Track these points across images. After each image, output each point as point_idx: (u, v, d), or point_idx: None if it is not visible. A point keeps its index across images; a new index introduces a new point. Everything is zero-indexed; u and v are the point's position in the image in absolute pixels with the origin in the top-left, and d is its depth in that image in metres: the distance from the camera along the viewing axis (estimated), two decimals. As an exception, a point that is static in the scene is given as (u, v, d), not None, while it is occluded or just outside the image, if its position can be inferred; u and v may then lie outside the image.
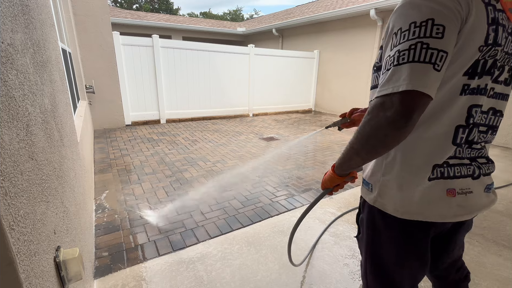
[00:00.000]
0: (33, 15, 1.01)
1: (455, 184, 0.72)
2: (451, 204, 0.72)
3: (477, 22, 0.60)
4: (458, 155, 0.72)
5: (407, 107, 0.59)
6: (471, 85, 0.66)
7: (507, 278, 1.72)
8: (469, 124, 0.69)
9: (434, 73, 0.58)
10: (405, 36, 0.60)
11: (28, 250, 0.61)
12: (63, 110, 1.46)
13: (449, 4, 0.58)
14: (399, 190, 0.74)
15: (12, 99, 0.64)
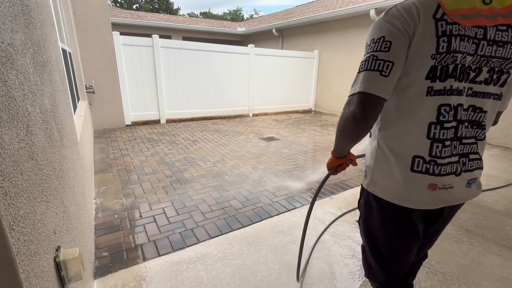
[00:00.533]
0: (33, 15, 1.01)
1: (438, 180, 0.83)
2: (431, 196, 0.84)
3: (425, 36, 0.74)
4: (444, 155, 0.82)
5: (361, 105, 0.78)
6: (434, 87, 0.78)
7: (507, 278, 1.72)
8: (441, 121, 0.80)
9: (382, 78, 0.75)
10: (367, 49, 0.79)
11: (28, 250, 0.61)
12: (63, 110, 1.46)
13: (399, 25, 0.74)
14: (385, 177, 0.88)
15: (12, 99, 0.64)
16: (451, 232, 2.19)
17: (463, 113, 0.82)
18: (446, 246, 2.02)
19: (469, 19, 0.74)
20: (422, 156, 0.82)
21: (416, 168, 0.83)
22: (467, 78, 0.79)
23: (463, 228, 2.25)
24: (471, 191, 0.88)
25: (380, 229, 0.96)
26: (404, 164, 0.84)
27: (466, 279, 1.71)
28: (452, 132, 0.82)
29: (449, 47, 0.74)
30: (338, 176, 3.32)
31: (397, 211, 0.89)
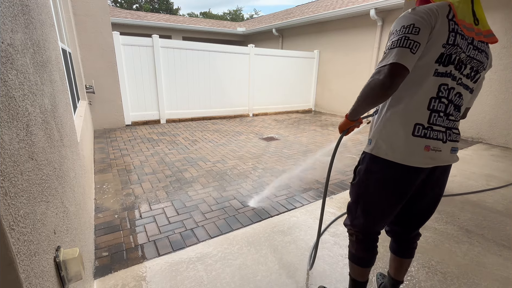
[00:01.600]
0: (33, 15, 1.01)
1: (431, 143, 1.03)
2: (426, 155, 1.04)
3: (441, 29, 0.96)
4: (439, 124, 1.04)
5: (392, 72, 0.94)
6: (439, 70, 1.00)
7: (507, 278, 1.72)
8: (440, 97, 1.02)
9: (411, 54, 0.94)
10: (398, 33, 0.97)
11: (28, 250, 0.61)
12: (63, 110, 1.46)
13: (425, 17, 0.95)
14: (390, 141, 1.06)
15: (12, 99, 0.64)
16: (451, 232, 2.19)
17: (453, 96, 1.03)
18: (446, 246, 2.02)
19: (468, 31, 1.00)
20: (422, 124, 1.02)
21: (416, 133, 1.02)
22: (459, 69, 1.02)
23: (463, 228, 2.25)
24: (453, 157, 1.11)
25: (377, 189, 1.14)
26: (408, 130, 1.03)
27: (466, 279, 1.71)
28: (444, 107, 1.03)
29: (454, 41, 0.97)
30: (338, 176, 3.33)
31: (395, 169, 1.06)
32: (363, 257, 1.28)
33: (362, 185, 1.18)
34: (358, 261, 1.29)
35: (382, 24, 6.45)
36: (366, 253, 1.28)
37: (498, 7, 4.69)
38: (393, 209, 1.17)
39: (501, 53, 4.75)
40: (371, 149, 1.11)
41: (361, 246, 1.27)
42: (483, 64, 1.05)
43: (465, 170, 3.59)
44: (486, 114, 5.05)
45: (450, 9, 0.97)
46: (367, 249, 1.27)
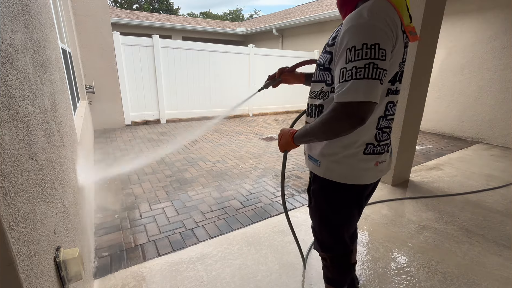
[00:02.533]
0: (33, 15, 1.01)
1: (380, 158, 1.03)
2: (376, 170, 1.03)
3: (399, 46, 0.85)
4: (385, 139, 1.02)
5: (364, 113, 0.82)
6: (392, 88, 0.94)
7: (507, 278, 1.72)
8: (386, 115, 0.98)
9: (380, 86, 0.81)
10: (359, 54, 0.78)
11: (28, 250, 0.61)
12: (63, 110, 1.46)
13: (389, 33, 0.79)
14: (341, 164, 1.01)
15: (12, 99, 0.64)
16: (451, 232, 2.20)
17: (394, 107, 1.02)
18: (446, 246, 2.02)
19: (412, 36, 0.91)
20: (372, 143, 0.99)
21: (367, 151, 0.99)
22: (400, 80, 0.97)
23: (463, 228, 2.25)
24: (392, 163, 1.18)
25: (336, 209, 1.11)
26: (359, 150, 0.99)
27: (466, 279, 1.71)
28: (389, 123, 1.02)
29: (403, 56, 0.91)
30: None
31: (352, 190, 1.05)
32: (341, 279, 1.24)
33: (321, 207, 1.15)
34: (339, 283, 1.25)
35: (382, 24, 6.44)
36: (344, 274, 1.24)
37: (498, 7, 4.69)
38: (355, 223, 1.20)
39: (501, 53, 4.75)
40: (323, 173, 1.05)
41: (338, 269, 1.23)
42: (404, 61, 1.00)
43: (465, 170, 3.59)
44: (486, 114, 5.05)
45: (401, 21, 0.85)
46: (344, 269, 1.23)
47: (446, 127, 5.65)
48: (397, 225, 2.29)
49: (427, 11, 2.58)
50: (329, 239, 1.18)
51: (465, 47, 5.19)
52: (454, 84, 5.44)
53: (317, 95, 1.04)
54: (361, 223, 2.31)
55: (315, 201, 1.16)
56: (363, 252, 1.94)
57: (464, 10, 5.11)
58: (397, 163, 3.01)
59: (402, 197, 2.79)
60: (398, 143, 2.93)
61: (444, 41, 5.37)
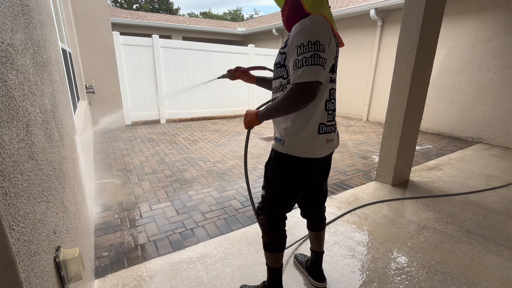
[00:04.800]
0: (33, 15, 1.01)
1: (329, 136, 1.27)
2: (327, 146, 1.28)
3: (332, 46, 1.13)
4: (331, 120, 1.27)
5: (314, 90, 1.07)
6: (332, 77, 1.22)
7: (507, 278, 1.72)
8: (331, 99, 1.24)
9: (323, 70, 1.08)
10: (307, 48, 1.06)
11: (28, 250, 0.61)
12: (63, 110, 1.46)
13: (326, 34, 1.09)
14: (301, 141, 1.22)
15: (12, 99, 0.64)
16: (451, 232, 2.19)
17: (333, 92, 1.27)
18: (446, 246, 2.02)
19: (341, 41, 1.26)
20: (324, 122, 1.23)
21: (321, 131, 1.23)
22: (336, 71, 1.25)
23: (463, 228, 2.25)
24: (338, 141, 1.38)
25: (289, 179, 1.31)
26: (315, 129, 1.22)
27: (466, 279, 1.71)
28: (333, 106, 1.27)
29: (337, 52, 1.21)
30: (338, 176, 3.32)
31: (306, 163, 1.26)
32: (275, 241, 1.43)
33: (276, 180, 1.34)
34: (273, 247, 1.43)
35: (382, 24, 6.45)
36: (278, 238, 1.43)
37: (498, 7, 4.69)
38: (299, 194, 1.39)
39: (501, 53, 4.75)
40: (286, 150, 1.25)
41: (274, 232, 1.42)
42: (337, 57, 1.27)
43: (465, 170, 3.59)
44: (486, 114, 5.05)
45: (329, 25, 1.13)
46: (279, 234, 1.43)
47: (446, 127, 5.65)
48: (397, 225, 2.29)
49: (427, 11, 2.58)
50: (273, 204, 1.38)
51: (465, 47, 5.19)
52: (454, 84, 5.44)
53: (278, 89, 1.26)
54: (361, 223, 2.31)
55: (273, 173, 1.34)
56: (363, 252, 1.94)
57: (464, 10, 5.11)
58: (397, 163, 3.01)
59: (402, 197, 2.79)
60: (398, 143, 2.93)
61: (444, 41, 5.37)
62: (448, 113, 5.59)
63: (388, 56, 6.41)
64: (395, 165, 3.00)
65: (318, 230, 1.59)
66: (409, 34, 2.68)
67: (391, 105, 2.95)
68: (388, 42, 6.42)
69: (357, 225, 2.28)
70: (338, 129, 5.96)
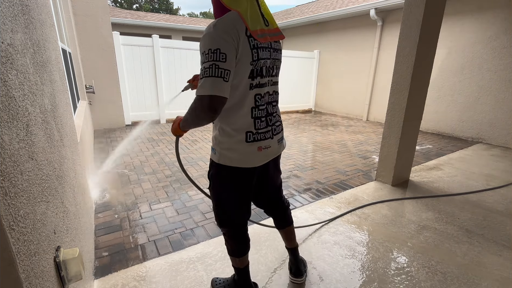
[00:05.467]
0: (33, 15, 1.01)
1: (262, 143, 1.21)
2: (260, 155, 1.21)
3: (244, 50, 1.03)
4: (264, 126, 1.20)
5: (213, 104, 1.01)
6: (253, 83, 1.11)
7: (507, 278, 1.72)
8: (258, 105, 1.16)
9: (224, 83, 0.99)
10: (207, 57, 0.99)
11: (28, 250, 0.61)
12: (63, 110, 1.46)
13: (229, 40, 0.98)
14: (231, 150, 1.18)
15: (12, 99, 0.64)
16: (451, 232, 2.20)
17: (269, 97, 1.22)
18: (446, 246, 2.02)
19: (263, 37, 1.09)
20: (251, 131, 1.17)
21: (249, 140, 1.17)
22: (269, 74, 1.18)
23: (463, 228, 2.25)
24: (281, 147, 1.33)
25: (228, 189, 1.28)
26: (241, 138, 1.16)
27: (466, 279, 1.71)
28: (265, 112, 1.20)
29: (258, 56, 1.08)
30: (338, 176, 3.33)
31: (241, 173, 1.22)
32: (239, 248, 1.42)
33: (218, 189, 1.31)
34: (237, 253, 1.43)
35: (382, 24, 6.45)
36: (240, 245, 1.42)
37: (498, 7, 4.69)
38: (246, 201, 1.34)
39: (501, 53, 4.75)
40: (218, 159, 1.22)
41: (235, 240, 1.41)
42: (279, 60, 1.24)
43: (465, 170, 3.59)
44: (486, 114, 5.05)
45: (245, 27, 1.03)
46: (240, 241, 1.41)
47: (446, 127, 5.65)
48: (397, 225, 2.29)
49: (427, 11, 2.58)
50: (223, 216, 1.35)
51: (465, 47, 5.19)
52: (454, 84, 5.44)
53: None
54: (361, 223, 2.31)
55: (213, 183, 1.32)
56: (363, 252, 1.94)
57: (464, 10, 5.11)
58: (397, 163, 3.01)
59: (402, 197, 2.79)
60: (398, 143, 2.93)
61: (444, 41, 5.37)
62: (448, 113, 5.59)
63: (388, 56, 6.41)
64: (395, 165, 3.00)
65: (284, 227, 1.57)
66: (409, 34, 2.68)
67: (391, 105, 2.95)
68: (388, 42, 6.42)
69: (357, 225, 2.28)
70: (338, 129, 6.04)
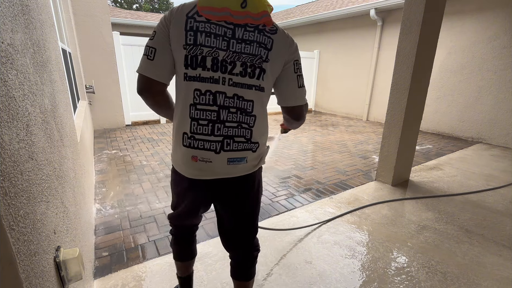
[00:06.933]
0: (33, 15, 1.02)
1: (198, 153, 0.96)
2: (194, 166, 0.98)
3: (176, 30, 0.88)
4: (205, 132, 0.95)
5: (138, 84, 0.96)
6: (189, 73, 0.91)
7: (507, 278, 1.72)
8: (195, 103, 0.93)
9: (148, 61, 0.91)
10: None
11: (28, 250, 0.61)
12: (63, 110, 1.46)
13: (163, 20, 0.91)
14: (173, 150, 1.05)
15: (12, 99, 0.64)
16: (451, 232, 2.19)
17: (226, 100, 0.93)
18: (446, 246, 2.02)
19: (217, 16, 0.87)
20: (187, 132, 0.96)
21: (184, 143, 0.97)
22: (224, 70, 0.91)
23: (463, 228, 2.25)
24: (233, 169, 1.00)
25: (174, 189, 1.16)
26: (179, 139, 0.98)
27: (466, 279, 1.71)
28: (215, 115, 0.94)
29: (195, 40, 0.88)
30: (338, 176, 3.32)
31: (180, 178, 1.06)
32: (177, 250, 1.32)
33: (171, 184, 1.20)
34: (176, 255, 1.34)
35: (382, 24, 6.45)
36: (178, 246, 1.31)
37: (498, 7, 4.69)
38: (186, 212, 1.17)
39: (501, 53, 4.75)
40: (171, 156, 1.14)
41: (174, 240, 1.31)
42: (256, 56, 0.91)
43: (465, 170, 3.59)
44: (486, 114, 5.05)
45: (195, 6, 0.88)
46: (177, 242, 1.30)
47: (446, 127, 5.65)
48: (397, 225, 2.29)
49: (427, 11, 2.58)
50: (172, 210, 1.25)
51: (465, 47, 5.19)
52: (454, 84, 5.44)
53: None
54: (361, 223, 2.31)
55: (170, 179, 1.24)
56: (363, 252, 1.94)
57: (464, 10, 5.11)
58: (397, 163, 3.01)
59: (402, 197, 2.79)
60: (398, 143, 2.93)
61: (444, 41, 5.37)
62: (448, 113, 5.59)
63: (388, 56, 6.41)
64: (395, 165, 3.00)
65: (237, 278, 1.24)
66: (409, 34, 2.68)
67: (391, 105, 2.95)
68: (388, 42, 6.42)
69: (357, 225, 2.28)
70: (338, 129, 6.04)
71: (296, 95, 1.07)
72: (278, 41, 0.93)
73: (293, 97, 1.08)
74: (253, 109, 0.97)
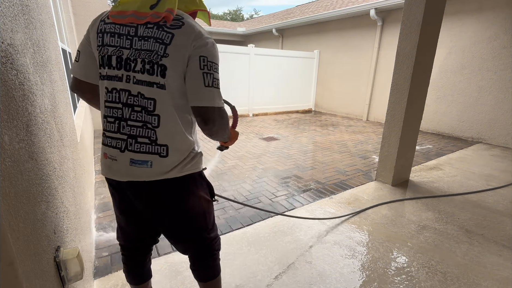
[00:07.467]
0: (33, 15, 1.02)
1: (108, 150, 0.97)
2: (105, 163, 0.99)
3: (91, 34, 0.95)
4: (113, 130, 0.95)
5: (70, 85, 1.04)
6: (101, 73, 0.95)
7: (507, 278, 1.72)
8: (105, 101, 0.95)
9: (75, 63, 1.00)
10: None
11: (28, 250, 0.61)
12: (63, 110, 1.46)
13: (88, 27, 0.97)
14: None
15: (12, 99, 0.64)
16: (451, 232, 2.19)
17: (130, 98, 0.92)
18: (446, 246, 2.02)
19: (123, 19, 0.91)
20: (103, 130, 0.99)
21: (104, 141, 0.99)
22: (128, 68, 0.91)
23: (463, 228, 2.25)
24: (136, 171, 0.94)
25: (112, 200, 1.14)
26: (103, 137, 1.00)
27: (466, 279, 1.71)
28: (120, 113, 0.93)
29: (102, 41, 0.92)
30: (338, 176, 3.32)
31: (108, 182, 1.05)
32: (124, 271, 1.25)
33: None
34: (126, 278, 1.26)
35: (382, 24, 6.45)
36: (124, 266, 1.24)
37: (498, 7, 4.69)
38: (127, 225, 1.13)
39: (501, 53, 4.75)
40: None
41: (123, 261, 1.23)
42: (153, 52, 0.89)
43: (465, 170, 3.59)
44: (486, 114, 5.05)
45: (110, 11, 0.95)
46: (123, 262, 1.23)
47: (446, 127, 5.65)
48: (397, 225, 2.29)
49: (427, 11, 2.58)
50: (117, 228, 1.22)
51: (465, 47, 5.19)
52: (454, 84, 5.44)
53: None
54: (361, 223, 2.31)
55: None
56: (363, 252, 1.94)
57: (464, 10, 5.11)
58: (397, 163, 3.01)
59: (402, 198, 2.79)
60: (398, 143, 2.93)
61: (444, 41, 5.37)
62: (448, 113, 5.59)
63: (388, 56, 6.41)
64: (395, 165, 3.00)
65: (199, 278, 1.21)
66: (409, 34, 2.68)
67: (391, 105, 2.96)
68: (388, 42, 6.42)
69: (357, 225, 2.28)
70: (338, 129, 6.04)
71: (200, 93, 0.91)
72: (180, 35, 0.88)
73: (197, 96, 0.92)
74: (155, 108, 0.91)
